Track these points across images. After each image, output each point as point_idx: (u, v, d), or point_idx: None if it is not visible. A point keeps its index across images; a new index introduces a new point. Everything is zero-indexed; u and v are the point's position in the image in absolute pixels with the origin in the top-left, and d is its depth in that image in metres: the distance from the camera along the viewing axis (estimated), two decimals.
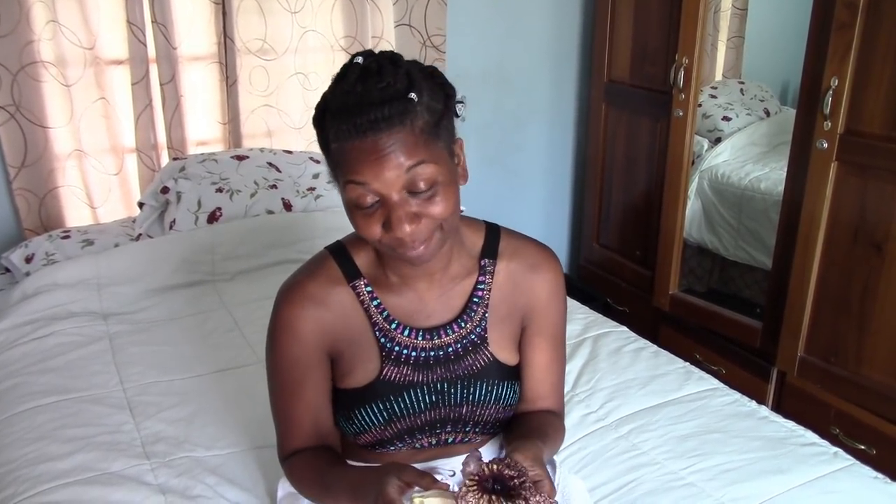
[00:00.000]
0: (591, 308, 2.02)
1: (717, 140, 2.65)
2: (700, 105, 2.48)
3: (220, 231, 2.11)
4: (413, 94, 0.89)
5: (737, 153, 2.62)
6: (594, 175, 2.94)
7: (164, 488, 1.28)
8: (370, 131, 0.87)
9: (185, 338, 1.79)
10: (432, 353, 1.05)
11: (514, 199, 3.07)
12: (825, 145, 1.95)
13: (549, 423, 1.11)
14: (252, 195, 2.19)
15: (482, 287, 1.08)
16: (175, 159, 2.26)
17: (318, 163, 2.36)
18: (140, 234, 2.14)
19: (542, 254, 1.12)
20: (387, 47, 2.53)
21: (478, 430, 1.10)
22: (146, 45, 2.19)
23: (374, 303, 1.05)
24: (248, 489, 1.30)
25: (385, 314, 1.05)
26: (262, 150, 2.35)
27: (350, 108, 0.88)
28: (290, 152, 2.39)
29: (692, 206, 2.61)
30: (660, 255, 2.60)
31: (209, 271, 2.07)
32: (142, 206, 2.20)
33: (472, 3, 2.72)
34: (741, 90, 2.74)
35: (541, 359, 1.12)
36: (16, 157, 2.12)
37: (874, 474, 1.34)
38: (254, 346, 1.72)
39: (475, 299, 1.07)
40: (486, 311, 1.08)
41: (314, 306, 1.03)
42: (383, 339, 1.04)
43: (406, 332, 1.05)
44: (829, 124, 1.93)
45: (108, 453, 1.35)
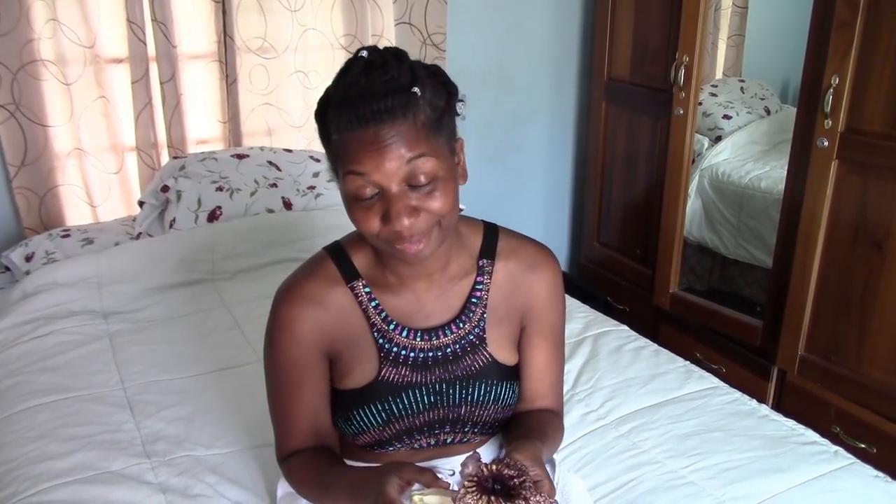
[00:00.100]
0: (592, 307, 2.02)
1: (718, 138, 2.64)
2: (700, 103, 2.47)
3: (220, 230, 2.11)
4: (416, 88, 0.89)
5: (737, 151, 2.61)
6: (594, 173, 2.94)
7: (165, 487, 1.28)
8: (372, 122, 0.87)
9: (185, 337, 1.79)
10: (431, 354, 1.05)
11: (515, 198, 3.07)
12: (826, 144, 1.95)
13: (549, 423, 1.11)
14: (252, 194, 2.19)
15: (481, 287, 1.07)
16: (175, 158, 2.26)
17: (318, 161, 2.36)
18: (140, 233, 2.14)
19: (541, 253, 1.12)
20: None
21: (476, 430, 1.10)
22: (146, 44, 2.18)
23: (373, 303, 1.05)
24: (249, 488, 1.30)
25: (383, 315, 1.05)
26: (262, 149, 2.35)
27: (353, 98, 0.88)
28: (290, 151, 2.39)
29: (692, 205, 2.60)
30: (660, 253, 2.59)
31: (209, 270, 2.07)
32: (142, 204, 2.20)
33: (472, 1, 2.72)
34: (742, 88, 2.74)
35: (540, 358, 1.12)
36: (16, 155, 2.12)
37: (875, 473, 1.34)
38: (254, 345, 1.72)
39: (473, 299, 1.07)
40: (484, 312, 1.07)
41: (312, 307, 1.03)
42: (381, 340, 1.04)
43: (404, 333, 1.05)
44: (830, 122, 1.93)
45: (108, 452, 1.35)
